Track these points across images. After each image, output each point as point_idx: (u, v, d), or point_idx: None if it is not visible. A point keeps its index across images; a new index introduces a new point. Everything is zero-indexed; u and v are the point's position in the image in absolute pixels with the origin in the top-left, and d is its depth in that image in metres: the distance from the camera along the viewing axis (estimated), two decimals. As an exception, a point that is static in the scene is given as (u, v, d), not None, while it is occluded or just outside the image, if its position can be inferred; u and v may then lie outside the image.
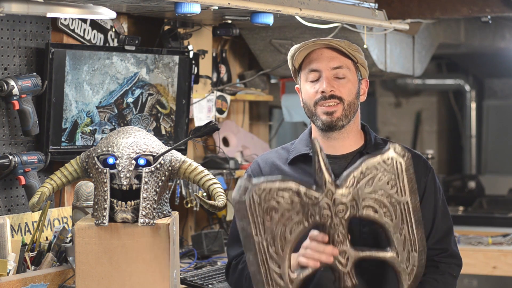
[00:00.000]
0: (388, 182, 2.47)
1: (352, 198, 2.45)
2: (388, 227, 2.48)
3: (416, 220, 2.49)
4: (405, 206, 2.48)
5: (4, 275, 2.93)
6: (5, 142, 3.41)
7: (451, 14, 4.68)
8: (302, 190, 2.43)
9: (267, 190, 2.41)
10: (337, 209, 2.45)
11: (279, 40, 4.65)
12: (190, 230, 4.46)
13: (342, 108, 2.64)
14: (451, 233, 2.73)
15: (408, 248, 2.49)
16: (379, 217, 2.48)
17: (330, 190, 2.44)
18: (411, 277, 2.50)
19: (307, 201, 2.43)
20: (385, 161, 2.47)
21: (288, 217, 2.43)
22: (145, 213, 2.60)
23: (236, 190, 2.43)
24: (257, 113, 5.18)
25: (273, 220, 2.42)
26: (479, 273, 5.12)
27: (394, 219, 2.48)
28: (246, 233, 2.43)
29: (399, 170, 2.48)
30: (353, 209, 2.46)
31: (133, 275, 2.62)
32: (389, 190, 2.47)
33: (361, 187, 2.46)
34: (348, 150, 2.71)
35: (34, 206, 2.72)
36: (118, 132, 2.71)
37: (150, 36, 4.10)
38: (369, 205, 2.47)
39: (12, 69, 3.42)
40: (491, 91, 8.62)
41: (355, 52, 2.67)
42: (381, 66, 4.81)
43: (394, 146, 2.49)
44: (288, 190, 2.43)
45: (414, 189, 2.49)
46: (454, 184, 7.35)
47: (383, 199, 2.47)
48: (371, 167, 2.47)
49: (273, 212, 2.42)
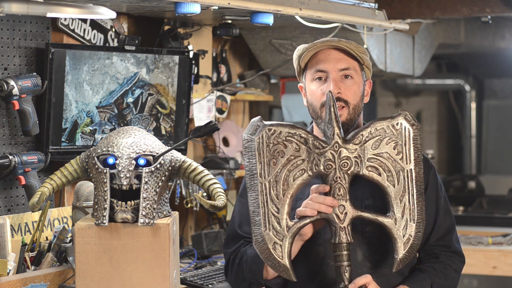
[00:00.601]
0: (394, 147, 2.52)
1: (357, 154, 2.50)
2: (389, 191, 2.52)
3: (418, 190, 2.52)
4: (408, 174, 2.52)
5: (4, 275, 2.93)
6: (5, 142, 3.41)
7: (451, 14, 4.68)
8: (310, 138, 2.50)
9: (277, 132, 2.48)
10: (342, 162, 2.49)
11: (279, 40, 4.65)
12: (190, 230, 4.46)
13: (347, 112, 2.64)
14: (454, 230, 2.74)
15: (407, 217, 2.52)
16: (382, 180, 2.52)
17: (337, 142, 2.49)
18: (406, 246, 2.52)
19: (313, 150, 2.49)
20: (394, 126, 2.53)
21: (294, 163, 2.49)
22: (145, 213, 2.60)
23: (247, 129, 2.50)
24: (257, 113, 5.18)
25: (279, 163, 2.48)
26: (479, 273, 5.13)
27: (396, 185, 2.52)
28: (252, 173, 2.49)
29: (407, 137, 2.52)
30: (357, 165, 2.50)
31: (133, 275, 2.62)
32: (394, 155, 2.52)
33: (367, 147, 2.51)
34: None
35: (34, 206, 2.72)
36: (118, 132, 2.71)
37: (150, 36, 4.10)
38: (373, 166, 2.51)
39: (12, 69, 3.42)
40: (491, 91, 8.62)
41: (362, 54, 2.67)
42: (381, 66, 4.81)
43: (405, 113, 2.55)
44: (297, 136, 2.49)
45: (419, 159, 2.53)
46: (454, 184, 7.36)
47: (387, 162, 2.51)
48: (380, 129, 2.52)
49: (280, 155, 2.48)
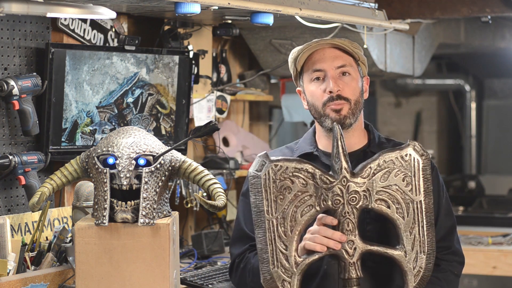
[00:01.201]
0: (403, 178, 2.48)
1: (366, 188, 2.47)
2: (399, 224, 2.49)
3: (428, 221, 2.49)
4: (418, 205, 2.49)
5: (4, 275, 2.93)
6: (5, 142, 3.41)
7: (451, 14, 4.68)
8: (317, 173, 2.46)
9: (284, 168, 2.45)
10: (350, 197, 2.46)
11: (279, 40, 4.65)
12: (190, 230, 4.46)
13: (348, 107, 2.65)
14: (454, 231, 2.73)
15: (417, 248, 2.49)
16: (391, 213, 2.48)
17: (345, 177, 2.46)
18: (417, 279, 2.50)
19: (321, 185, 2.46)
20: (403, 157, 2.49)
21: (301, 199, 2.46)
22: (145, 213, 2.60)
23: (253, 165, 2.47)
24: (257, 113, 5.18)
25: (286, 199, 2.45)
26: (479, 273, 5.13)
27: (406, 217, 2.48)
28: (258, 209, 2.45)
29: (416, 168, 2.49)
30: (365, 199, 2.47)
31: (133, 275, 2.62)
32: (403, 187, 2.48)
33: (376, 179, 2.48)
34: (353, 149, 2.71)
35: (34, 206, 2.72)
36: (118, 132, 2.71)
37: (150, 36, 4.10)
38: (382, 199, 2.48)
39: (12, 69, 3.42)
40: (491, 91, 8.62)
41: (357, 50, 2.69)
42: (381, 66, 4.81)
43: (414, 143, 2.50)
44: (304, 171, 2.46)
45: (429, 190, 2.49)
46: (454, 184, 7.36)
47: (396, 195, 2.48)
48: (389, 161, 2.49)
49: (287, 191, 2.45)
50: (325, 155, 2.71)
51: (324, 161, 2.68)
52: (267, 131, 5.27)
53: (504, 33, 6.31)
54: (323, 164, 2.67)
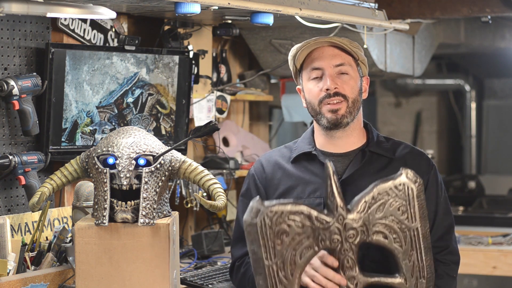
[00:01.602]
0: (399, 208, 2.47)
1: (362, 223, 2.46)
2: (397, 253, 2.48)
3: (425, 247, 2.49)
4: (415, 233, 2.48)
5: (4, 275, 2.93)
6: (5, 142, 3.41)
7: (451, 14, 4.68)
8: (313, 214, 2.43)
9: (279, 213, 2.41)
10: (348, 234, 2.45)
11: (279, 40, 4.65)
12: (190, 230, 4.46)
13: (346, 105, 2.64)
14: (452, 230, 2.74)
15: (417, 274, 2.49)
16: (389, 243, 2.48)
17: (341, 215, 2.45)
18: None
19: (318, 225, 2.43)
20: (396, 187, 2.47)
21: (299, 241, 2.43)
22: (145, 213, 2.60)
23: (247, 213, 2.42)
24: (257, 113, 5.18)
25: (284, 243, 2.42)
26: (479, 273, 5.12)
27: (404, 245, 2.48)
28: (257, 257, 2.42)
29: (410, 196, 2.47)
30: (363, 234, 2.46)
31: (133, 275, 2.62)
32: (399, 216, 2.47)
33: (372, 213, 2.46)
34: (351, 148, 2.71)
35: (34, 206, 2.72)
36: (118, 132, 2.71)
37: (150, 36, 4.10)
38: (379, 231, 2.47)
39: (12, 69, 3.42)
40: (491, 91, 8.62)
41: (356, 49, 2.68)
42: (381, 66, 4.81)
43: (406, 171, 2.49)
44: (299, 214, 2.42)
45: (425, 215, 2.49)
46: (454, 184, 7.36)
47: (393, 225, 2.47)
48: (383, 193, 2.47)
49: (284, 235, 2.42)
50: (323, 154, 2.71)
51: (322, 160, 2.68)
52: (267, 131, 5.27)
53: (504, 33, 6.31)
54: (321, 163, 2.67)
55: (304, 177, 2.70)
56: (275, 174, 2.73)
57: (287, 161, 2.74)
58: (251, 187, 2.76)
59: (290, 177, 2.71)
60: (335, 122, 2.64)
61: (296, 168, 2.72)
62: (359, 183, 2.62)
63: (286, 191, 2.70)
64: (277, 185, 2.72)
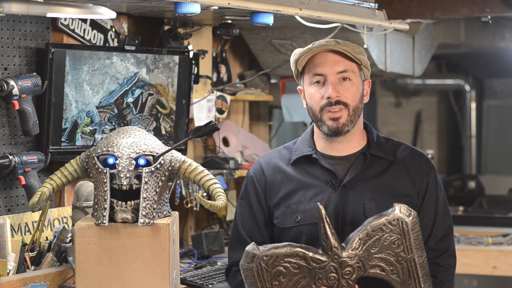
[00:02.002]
0: (394, 242, 2.49)
1: (358, 260, 2.48)
2: (395, 284, 2.50)
3: (423, 274, 2.50)
4: (411, 263, 2.49)
5: (4, 275, 2.93)
6: (5, 142, 3.41)
7: (451, 14, 4.68)
8: (308, 255, 2.47)
9: (274, 257, 2.46)
10: (344, 271, 2.47)
11: (279, 40, 4.65)
12: (190, 230, 4.46)
13: (347, 114, 2.62)
14: (452, 231, 2.74)
15: None
16: (386, 276, 2.49)
17: (337, 254, 2.47)
18: None
19: (314, 265, 2.47)
20: (390, 223, 2.49)
21: (296, 281, 2.47)
22: (145, 213, 2.60)
23: (243, 258, 2.48)
24: (257, 113, 5.18)
25: (282, 284, 2.47)
26: (479, 273, 5.13)
27: (401, 276, 2.50)
28: None
29: (405, 230, 2.49)
30: (360, 270, 2.48)
31: (133, 275, 2.62)
32: (395, 250, 2.49)
33: (367, 249, 2.48)
34: (352, 151, 2.70)
35: (34, 206, 2.72)
36: (118, 132, 2.71)
37: (150, 36, 4.10)
38: (376, 265, 2.49)
39: (12, 69, 3.42)
40: (491, 91, 8.62)
41: (359, 55, 2.65)
42: (381, 66, 4.81)
43: (400, 206, 2.50)
44: (295, 256, 2.47)
45: (421, 246, 2.50)
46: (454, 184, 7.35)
47: (389, 258, 2.49)
48: (377, 229, 2.48)
49: (281, 276, 2.46)
50: (324, 157, 2.69)
51: (323, 164, 2.67)
52: (267, 131, 5.27)
53: (504, 33, 6.31)
54: (322, 167, 2.67)
55: (305, 180, 2.68)
56: (275, 177, 2.72)
57: (287, 163, 2.73)
58: (250, 190, 2.75)
59: (290, 181, 2.70)
60: (335, 130, 2.63)
61: (297, 171, 2.71)
62: (360, 187, 2.62)
63: (287, 195, 2.69)
64: (278, 189, 2.71)
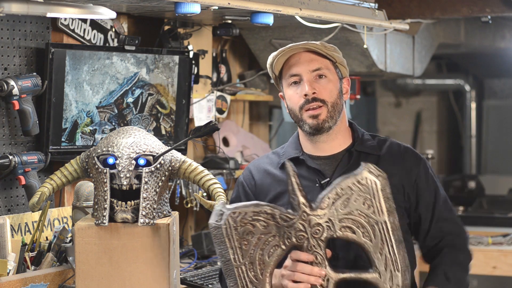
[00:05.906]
0: (364, 202, 2.46)
1: (327, 219, 2.44)
2: (367, 247, 2.47)
3: (396, 239, 2.47)
4: (383, 226, 2.46)
5: (4, 275, 2.94)
6: (5, 142, 3.41)
7: (451, 14, 4.68)
8: (276, 212, 2.44)
9: (242, 214, 2.43)
10: (313, 230, 2.44)
11: (279, 40, 4.65)
12: (190, 230, 4.47)
13: (326, 110, 2.64)
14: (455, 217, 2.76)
15: (390, 268, 2.47)
16: (358, 238, 2.46)
17: (305, 211, 2.44)
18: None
19: (282, 223, 2.44)
20: (359, 181, 2.46)
21: (265, 240, 2.44)
22: (145, 213, 2.60)
23: (212, 216, 2.44)
24: (257, 113, 5.18)
25: (250, 244, 2.43)
26: (479, 273, 5.13)
27: (373, 239, 2.46)
28: (225, 259, 2.44)
29: (375, 190, 2.46)
30: (329, 230, 2.45)
31: (133, 275, 2.62)
32: (365, 210, 2.46)
33: (337, 208, 2.45)
34: (338, 150, 2.71)
35: (34, 206, 2.72)
36: (118, 132, 2.71)
37: (150, 36, 4.10)
38: (347, 226, 2.46)
39: (12, 69, 3.42)
40: (491, 91, 8.62)
41: (332, 52, 2.67)
42: (381, 66, 4.81)
43: (368, 166, 2.48)
44: (263, 213, 2.44)
45: (392, 208, 2.47)
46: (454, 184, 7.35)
47: (360, 219, 2.46)
48: (346, 188, 2.46)
49: (250, 236, 2.43)
50: (311, 158, 2.70)
51: (310, 164, 2.68)
52: (267, 131, 5.27)
53: (504, 33, 6.32)
54: (310, 167, 2.68)
55: None
56: (264, 180, 2.74)
57: (276, 167, 2.75)
58: (240, 194, 2.77)
59: (279, 183, 2.71)
60: (316, 127, 2.64)
61: (284, 173, 2.72)
62: None
63: (277, 197, 2.70)
64: (267, 191, 2.72)
